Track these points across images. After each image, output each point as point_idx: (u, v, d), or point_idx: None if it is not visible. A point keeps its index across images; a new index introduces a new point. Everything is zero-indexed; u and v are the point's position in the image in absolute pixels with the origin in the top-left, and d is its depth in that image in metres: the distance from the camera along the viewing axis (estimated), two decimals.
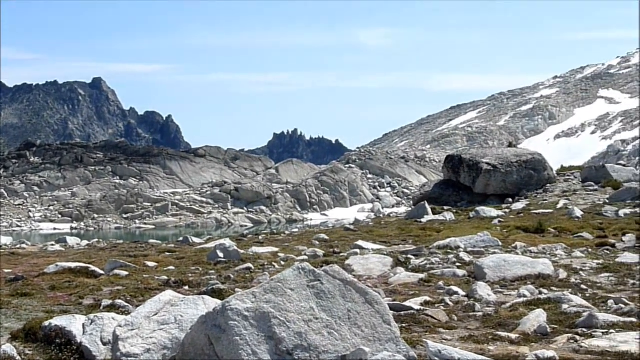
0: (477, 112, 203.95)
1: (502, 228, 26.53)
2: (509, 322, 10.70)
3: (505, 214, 31.54)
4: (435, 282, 14.34)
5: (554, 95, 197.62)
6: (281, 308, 7.80)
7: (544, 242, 21.91)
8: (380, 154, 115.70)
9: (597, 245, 21.32)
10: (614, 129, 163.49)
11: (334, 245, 22.39)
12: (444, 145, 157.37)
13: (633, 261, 17.14)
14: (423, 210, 33.21)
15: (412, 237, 24.66)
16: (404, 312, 11.26)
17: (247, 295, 7.92)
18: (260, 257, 18.88)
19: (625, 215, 28.29)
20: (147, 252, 22.49)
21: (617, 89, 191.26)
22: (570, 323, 10.59)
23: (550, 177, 40.88)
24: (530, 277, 14.58)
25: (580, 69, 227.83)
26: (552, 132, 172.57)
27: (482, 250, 19.27)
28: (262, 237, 27.77)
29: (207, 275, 15.71)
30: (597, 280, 14.76)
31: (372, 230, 28.21)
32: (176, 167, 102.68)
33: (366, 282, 14.47)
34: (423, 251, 19.04)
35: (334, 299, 8.04)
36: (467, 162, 41.46)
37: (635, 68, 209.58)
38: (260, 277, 14.96)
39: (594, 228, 25.35)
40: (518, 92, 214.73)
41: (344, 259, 17.44)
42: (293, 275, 8.12)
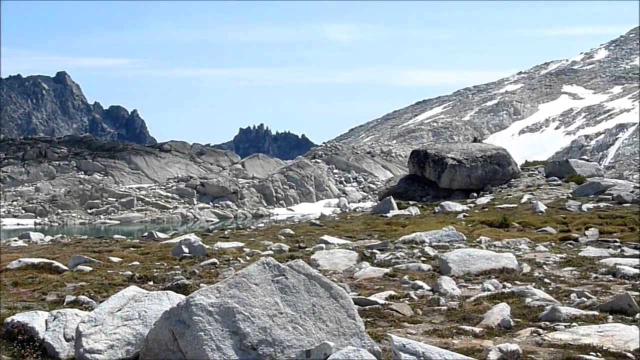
0: (442, 107, 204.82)
1: (466, 222, 26.68)
2: (473, 316, 10.74)
3: (470, 209, 31.71)
4: (400, 276, 14.37)
5: (519, 90, 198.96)
6: (245, 303, 7.79)
7: (508, 236, 22.06)
8: (346, 148, 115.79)
9: (560, 239, 21.51)
10: (577, 124, 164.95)
11: (299, 240, 22.39)
12: (410, 140, 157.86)
13: (595, 255, 17.30)
14: (389, 205, 33.30)
15: (378, 232, 24.71)
16: (369, 307, 11.28)
17: (211, 290, 7.90)
18: (225, 252, 18.83)
19: (588, 209, 28.55)
20: (112, 247, 22.37)
21: (581, 85, 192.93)
22: (533, 316, 10.67)
23: (515, 172, 41.15)
24: (495, 271, 14.66)
25: (544, 64, 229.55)
26: (517, 128, 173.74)
27: (446, 245, 19.36)
28: (228, 232, 27.71)
29: (171, 270, 15.64)
30: (560, 274, 14.88)
31: (338, 225, 28.24)
32: (141, 162, 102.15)
33: (331, 276, 14.48)
34: (388, 246, 19.09)
35: (299, 293, 8.04)
36: (433, 157, 41.62)
37: (598, 64, 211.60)
38: (225, 272, 14.92)
39: (557, 222, 25.57)
40: (483, 88, 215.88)
41: (309, 254, 17.43)
42: (257, 270, 8.10)
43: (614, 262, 15.64)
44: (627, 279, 14.00)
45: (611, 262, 15.72)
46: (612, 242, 20.57)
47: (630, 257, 16.80)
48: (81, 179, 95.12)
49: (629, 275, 14.14)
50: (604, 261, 16.06)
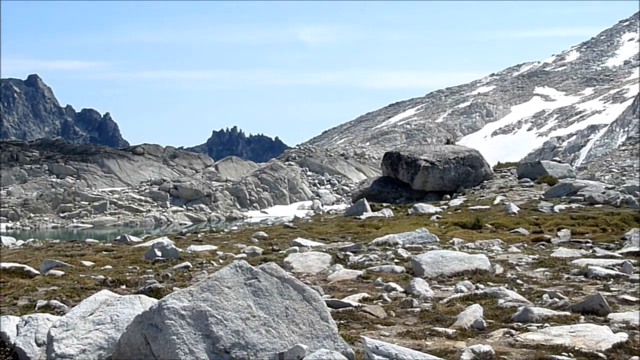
0: (415, 109, 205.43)
1: (440, 224, 26.74)
2: (446, 318, 10.77)
3: (443, 210, 31.78)
4: (374, 278, 14.38)
5: (491, 92, 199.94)
6: (218, 306, 7.76)
7: (481, 237, 22.14)
8: (319, 151, 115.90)
9: (532, 240, 21.62)
10: (549, 125, 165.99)
11: (273, 242, 22.36)
12: (383, 143, 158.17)
13: (567, 256, 17.41)
14: (362, 207, 33.33)
15: (351, 234, 24.72)
16: (342, 309, 11.28)
17: (183, 293, 7.87)
18: (198, 255, 18.76)
19: (560, 210, 28.71)
20: (84, 251, 22.21)
21: (553, 87, 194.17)
22: (506, 317, 10.71)
23: (487, 174, 41.31)
24: (468, 273, 14.71)
25: (516, 66, 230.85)
26: (490, 129, 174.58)
27: (420, 247, 19.40)
28: (201, 235, 27.61)
29: (144, 274, 15.57)
30: (533, 275, 14.96)
31: (312, 228, 28.23)
32: (114, 165, 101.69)
33: (305, 279, 14.48)
34: (362, 248, 19.11)
35: (272, 296, 8.02)
36: (406, 159, 41.70)
37: (570, 66, 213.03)
38: (198, 275, 14.88)
39: (529, 223, 25.68)
40: (456, 90, 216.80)
41: (283, 257, 17.41)
42: (230, 273, 8.08)
43: (586, 263, 15.74)
44: (599, 279, 14.09)
45: (583, 263, 15.82)
46: (584, 243, 20.70)
47: (602, 258, 16.91)
48: (53, 183, 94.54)
49: (600, 276, 14.23)
50: (576, 262, 16.16)
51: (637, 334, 9.75)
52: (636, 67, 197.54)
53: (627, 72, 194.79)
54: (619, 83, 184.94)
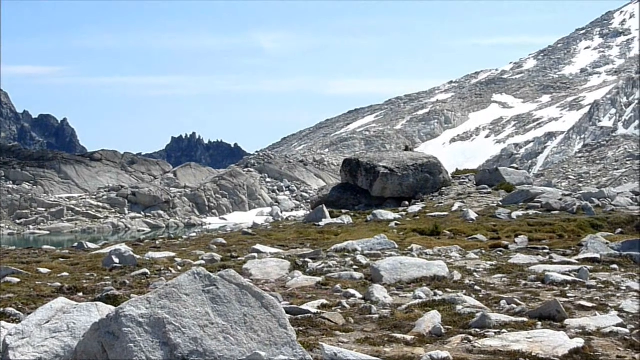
0: (374, 116, 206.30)
1: (398, 231, 26.82)
2: (405, 324, 10.79)
3: (402, 217, 31.88)
4: (333, 285, 14.38)
5: (450, 99, 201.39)
6: (176, 314, 7.71)
7: (440, 244, 22.24)
8: (279, 157, 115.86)
9: (490, 246, 21.76)
10: (507, 132, 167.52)
11: (231, 249, 22.29)
12: (342, 149, 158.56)
13: (525, 262, 17.54)
14: (321, 214, 33.34)
15: (310, 241, 24.72)
16: (301, 316, 11.26)
17: (141, 301, 7.81)
18: (156, 262, 18.64)
19: (517, 217, 28.92)
20: (41, 258, 21.99)
21: (510, 94, 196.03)
22: (464, 324, 10.76)
23: (446, 180, 41.50)
24: (426, 279, 14.77)
25: (474, 74, 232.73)
26: (448, 136, 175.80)
27: (379, 253, 19.44)
28: (159, 242, 27.46)
29: (102, 281, 15.45)
30: (491, 281, 15.05)
31: (271, 234, 28.18)
32: (71, 172, 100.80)
33: (264, 286, 14.45)
34: (321, 254, 19.09)
35: (230, 303, 7.99)
36: (365, 166, 41.77)
37: (527, 74, 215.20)
38: (156, 282, 14.78)
39: (487, 230, 25.84)
40: (414, 97, 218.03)
41: (241, 263, 17.35)
42: (188, 280, 8.04)
43: (543, 269, 15.87)
44: (556, 285, 14.21)
45: (540, 269, 15.95)
46: (541, 249, 20.88)
47: (559, 264, 17.07)
48: (9, 189, 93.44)
49: (557, 282, 14.36)
50: (533, 268, 16.29)
51: (593, 339, 9.85)
52: (593, 75, 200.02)
53: (584, 80, 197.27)
54: (576, 91, 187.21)
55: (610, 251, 19.05)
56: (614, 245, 19.82)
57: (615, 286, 14.25)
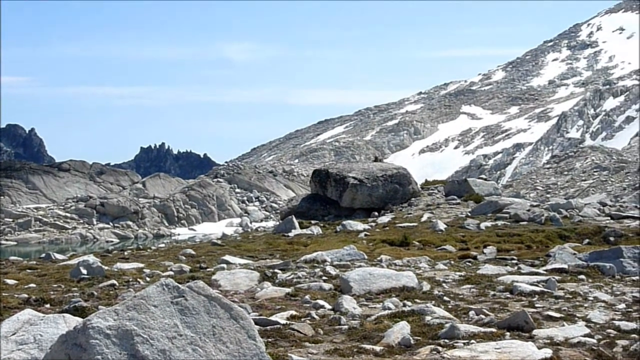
0: (344, 127, 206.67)
1: (368, 241, 26.82)
2: (374, 335, 10.80)
3: (372, 228, 31.90)
4: (302, 296, 14.37)
5: (419, 110, 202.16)
6: (144, 325, 7.67)
7: (409, 254, 22.26)
8: (248, 168, 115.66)
9: (459, 257, 21.82)
10: (476, 143, 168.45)
11: (200, 260, 22.18)
12: (312, 160, 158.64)
13: (493, 272, 17.62)
14: (290, 225, 33.28)
15: (280, 252, 24.66)
16: (270, 327, 11.24)
17: (109, 312, 7.75)
18: (125, 273, 18.52)
19: (486, 227, 29.04)
20: (7, 269, 21.74)
21: (479, 105, 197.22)
22: (433, 334, 10.78)
23: (415, 191, 41.59)
24: (395, 290, 14.78)
25: (443, 85, 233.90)
26: (417, 147, 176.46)
27: (348, 264, 19.43)
28: (128, 253, 27.25)
29: (69, 292, 15.33)
30: (459, 291, 15.09)
31: (240, 245, 28.09)
32: (39, 182, 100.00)
33: (233, 297, 14.40)
34: (290, 265, 19.06)
35: (199, 315, 7.96)
36: (334, 177, 41.78)
37: (496, 85, 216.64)
38: (124, 293, 14.69)
39: (456, 241, 25.92)
40: (384, 108, 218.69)
41: (210, 274, 17.29)
42: (156, 291, 8.00)
43: (511, 280, 15.95)
44: (524, 295, 14.29)
45: (508, 280, 16.03)
46: (509, 260, 20.97)
47: (527, 275, 17.16)
48: None
49: (525, 292, 14.43)
50: (502, 279, 16.36)
51: (561, 350, 9.91)
52: (560, 86, 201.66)
53: (552, 92, 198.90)
54: (544, 102, 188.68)
55: (577, 262, 19.18)
56: (582, 256, 19.96)
57: (582, 297, 14.35)
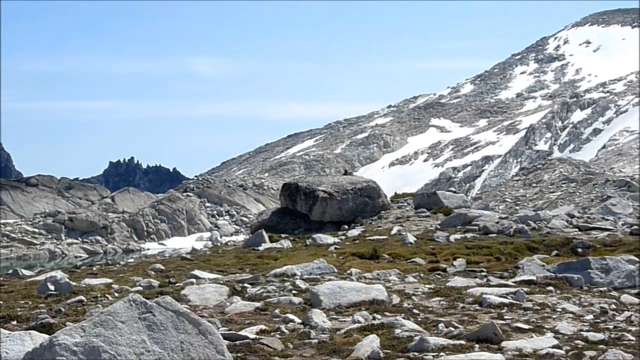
0: (314, 140, 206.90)
1: (338, 255, 26.81)
2: (344, 348, 10.79)
3: (341, 241, 31.91)
4: (272, 310, 14.33)
5: (389, 123, 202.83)
6: (111, 341, 7.62)
7: (379, 267, 22.28)
8: (218, 182, 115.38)
9: (429, 270, 21.87)
10: (445, 156, 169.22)
11: (170, 275, 22.08)
12: (282, 173, 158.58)
13: (463, 285, 17.67)
14: (260, 239, 33.22)
15: (250, 266, 24.59)
16: (240, 342, 11.19)
17: (75, 329, 7.70)
18: (93, 289, 18.38)
19: (455, 240, 29.13)
20: None
21: (448, 118, 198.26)
22: (402, 347, 10.79)
23: (385, 204, 41.65)
24: (365, 303, 14.78)
25: (413, 98, 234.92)
26: (387, 160, 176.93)
27: (318, 277, 19.40)
28: (96, 268, 27.07)
29: (36, 309, 15.18)
30: (429, 304, 15.11)
31: (209, 260, 28.00)
32: (6, 197, 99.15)
33: (202, 312, 14.33)
34: (259, 279, 19.01)
35: (167, 330, 7.92)
36: (304, 190, 41.77)
37: (464, 98, 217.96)
38: (92, 309, 14.57)
39: (426, 253, 25.98)
40: (354, 121, 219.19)
41: (179, 289, 17.20)
42: (124, 307, 7.95)
43: (481, 292, 16.00)
44: (493, 308, 14.34)
45: (478, 292, 16.07)
46: (478, 272, 21.04)
47: (496, 287, 17.22)
48: None
49: (494, 304, 14.49)
50: (471, 291, 16.41)
51: None
52: (528, 99, 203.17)
53: (520, 105, 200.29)
54: (512, 115, 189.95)
55: (546, 273, 19.28)
56: (550, 268, 20.08)
57: (551, 308, 14.44)
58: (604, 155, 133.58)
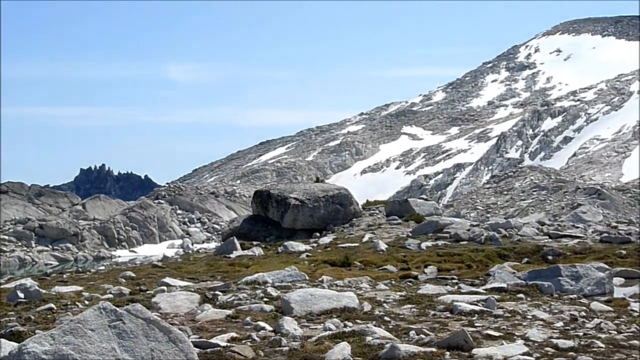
0: (286, 147, 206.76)
1: (309, 262, 26.83)
2: (315, 356, 10.79)
3: (313, 248, 31.93)
4: (243, 317, 14.30)
5: (360, 131, 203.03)
6: (81, 350, 7.57)
7: (350, 275, 22.31)
8: (189, 189, 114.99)
9: (400, 277, 21.93)
10: (417, 164, 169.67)
11: (140, 282, 22.00)
12: (254, 181, 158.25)
13: (434, 292, 17.72)
14: (232, 246, 33.16)
15: (221, 273, 24.55)
16: (210, 349, 11.15)
17: (45, 337, 7.65)
18: (63, 296, 18.27)
19: (427, 247, 29.23)
20: None
21: (420, 126, 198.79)
22: (373, 355, 10.80)
23: (357, 212, 41.70)
24: (336, 311, 14.79)
25: (384, 106, 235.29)
26: (359, 167, 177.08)
27: (289, 285, 19.39)
28: (67, 276, 26.93)
29: (5, 317, 15.05)
30: (400, 311, 15.14)
31: (181, 267, 27.91)
32: None
33: (173, 319, 14.27)
34: (231, 287, 18.98)
35: (137, 338, 7.89)
36: (276, 197, 41.76)
37: (436, 106, 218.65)
38: (62, 317, 14.48)
39: (397, 261, 26.05)
40: (326, 128, 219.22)
41: (150, 297, 17.13)
42: (94, 315, 7.91)
43: (452, 299, 16.04)
44: (464, 315, 14.39)
45: (449, 299, 16.12)
46: (449, 279, 21.14)
47: (467, 294, 17.30)
48: None
49: (465, 312, 14.54)
50: (442, 298, 16.46)
51: None
52: (499, 107, 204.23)
53: (491, 113, 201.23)
54: (483, 123, 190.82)
55: (516, 280, 19.39)
56: (521, 275, 20.21)
57: (521, 315, 14.51)
58: (574, 163, 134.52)
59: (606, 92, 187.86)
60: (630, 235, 31.73)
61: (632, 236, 31.28)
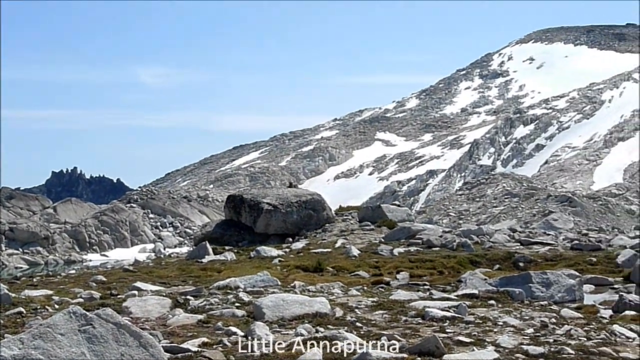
0: (259, 152, 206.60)
1: (282, 267, 26.80)
2: None
3: (286, 254, 31.90)
4: (214, 322, 14.25)
5: (334, 137, 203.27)
6: (50, 354, 7.52)
7: (322, 280, 22.29)
8: (162, 193, 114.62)
9: (372, 283, 21.94)
10: (390, 170, 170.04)
11: (111, 287, 21.88)
12: (227, 185, 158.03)
13: (406, 298, 17.74)
14: (204, 251, 33.07)
15: (193, 278, 24.47)
16: (181, 354, 11.11)
17: (14, 341, 7.59)
18: (33, 300, 18.15)
19: (399, 253, 29.28)
20: None
21: (393, 132, 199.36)
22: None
23: (329, 217, 41.75)
24: (308, 316, 14.77)
25: (358, 112, 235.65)
26: (332, 173, 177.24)
27: (261, 290, 19.35)
28: (37, 280, 26.74)
29: None
30: (372, 317, 15.15)
31: (152, 271, 27.79)
32: None
33: (144, 324, 14.20)
34: (202, 292, 18.92)
35: (107, 343, 7.84)
36: (249, 202, 41.72)
37: (410, 112, 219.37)
38: (32, 321, 14.37)
39: (370, 266, 26.07)
40: (299, 134, 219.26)
41: (121, 301, 17.04)
42: (63, 319, 7.85)
43: (423, 305, 16.07)
44: (435, 321, 14.41)
45: (420, 305, 16.15)
46: (421, 286, 21.17)
47: (439, 300, 17.33)
48: None
49: (437, 318, 14.57)
50: (414, 304, 16.48)
51: None
52: (473, 114, 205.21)
53: (464, 120, 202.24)
54: (457, 130, 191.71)
55: (488, 287, 19.45)
56: (492, 282, 20.27)
57: (492, 321, 14.55)
58: (546, 171, 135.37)
59: (578, 100, 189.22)
60: (601, 242, 31.99)
61: (602, 244, 31.55)
